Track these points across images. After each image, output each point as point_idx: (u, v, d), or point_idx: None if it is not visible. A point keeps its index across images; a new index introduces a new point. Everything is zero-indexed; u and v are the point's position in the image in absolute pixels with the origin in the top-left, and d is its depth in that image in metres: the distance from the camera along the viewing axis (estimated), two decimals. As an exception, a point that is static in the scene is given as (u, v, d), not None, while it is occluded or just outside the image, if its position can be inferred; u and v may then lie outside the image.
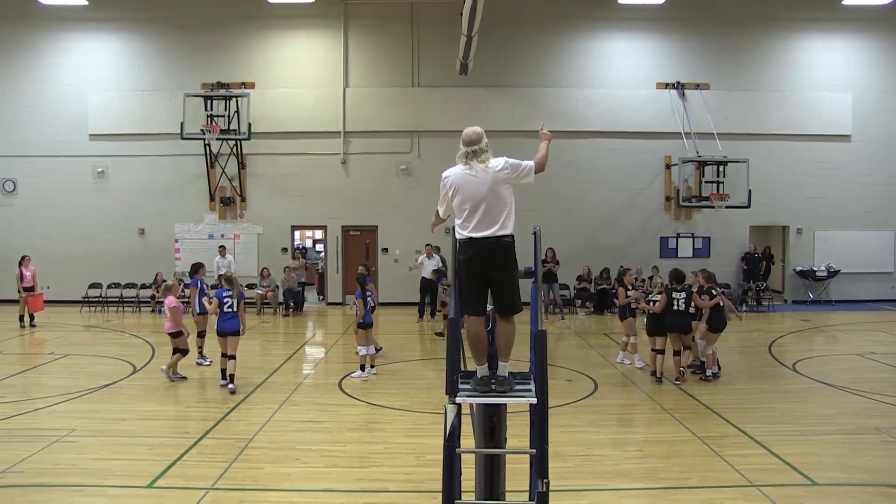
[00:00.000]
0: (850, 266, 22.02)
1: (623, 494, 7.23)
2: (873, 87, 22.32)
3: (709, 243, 22.13)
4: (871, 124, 22.22)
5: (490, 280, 4.78)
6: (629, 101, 21.77)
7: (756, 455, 8.27)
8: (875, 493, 7.28)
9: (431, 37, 21.45)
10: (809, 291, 22.33)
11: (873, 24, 22.08)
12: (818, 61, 22.29)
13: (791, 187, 22.01)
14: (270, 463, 8.00)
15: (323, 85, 21.61)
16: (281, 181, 21.59)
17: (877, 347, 15.39)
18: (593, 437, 9.00)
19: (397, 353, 14.89)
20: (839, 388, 11.62)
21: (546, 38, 21.74)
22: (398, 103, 21.60)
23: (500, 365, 4.71)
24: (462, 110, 20.77)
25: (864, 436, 9.04)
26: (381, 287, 21.80)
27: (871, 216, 22.30)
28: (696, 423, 9.52)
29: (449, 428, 4.35)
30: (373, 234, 21.97)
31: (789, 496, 7.07)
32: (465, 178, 4.82)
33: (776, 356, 14.45)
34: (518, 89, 21.60)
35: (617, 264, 20.63)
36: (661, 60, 22.00)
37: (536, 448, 4.38)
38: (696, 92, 21.76)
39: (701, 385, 11.82)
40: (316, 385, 12.02)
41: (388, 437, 8.98)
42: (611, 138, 21.77)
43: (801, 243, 22.49)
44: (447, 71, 21.12)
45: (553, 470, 4.56)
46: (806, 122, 22.07)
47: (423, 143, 21.57)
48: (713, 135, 20.99)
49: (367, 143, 21.63)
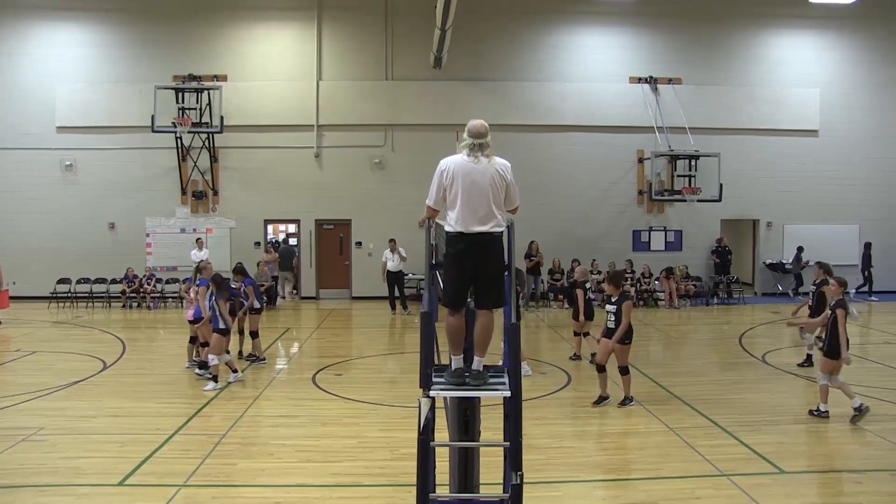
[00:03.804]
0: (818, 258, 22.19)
1: (596, 486, 7.30)
2: (840, 84, 22.66)
3: (681, 237, 22.35)
4: (838, 120, 22.57)
5: (477, 275, 4.75)
6: (602, 95, 21.87)
7: (726, 445, 8.39)
8: (839, 479, 7.48)
9: (405, 30, 21.36)
10: (778, 284, 22.64)
11: (840, 22, 22.39)
12: (787, 57, 22.57)
13: (761, 181, 22.27)
14: (244, 458, 7.96)
15: (296, 78, 21.45)
16: (254, 175, 21.41)
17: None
18: (567, 429, 9.07)
19: (371, 347, 14.87)
20: (807, 378, 11.80)
21: (520, 32, 21.76)
22: (372, 97, 21.51)
23: (475, 359, 4.69)
24: (436, 104, 20.75)
25: (831, 424, 9.20)
26: (355, 281, 21.78)
27: (838, 210, 22.66)
28: (668, 414, 9.63)
29: (423, 421, 4.35)
30: (346, 227, 21.89)
31: (758, 484, 7.19)
32: (467, 167, 4.74)
33: (746, 347, 14.64)
34: (492, 83, 21.61)
35: (590, 258, 20.92)
36: (634, 55, 22.13)
37: (510, 441, 4.40)
38: (669, 86, 21.93)
39: (673, 377, 11.93)
40: (289, 380, 11.97)
41: (362, 431, 8.97)
42: (584, 132, 21.87)
43: (770, 236, 22.79)
44: (421, 64, 21.07)
45: (527, 462, 4.58)
46: (775, 117, 22.36)
47: (396, 136, 21.50)
48: (685, 129, 21.17)
49: (340, 136, 21.52)
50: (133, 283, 20.13)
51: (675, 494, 7.02)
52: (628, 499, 6.96)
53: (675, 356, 14.68)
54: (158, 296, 20.41)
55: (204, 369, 11.44)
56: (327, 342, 15.63)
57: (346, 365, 13.20)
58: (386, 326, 17.87)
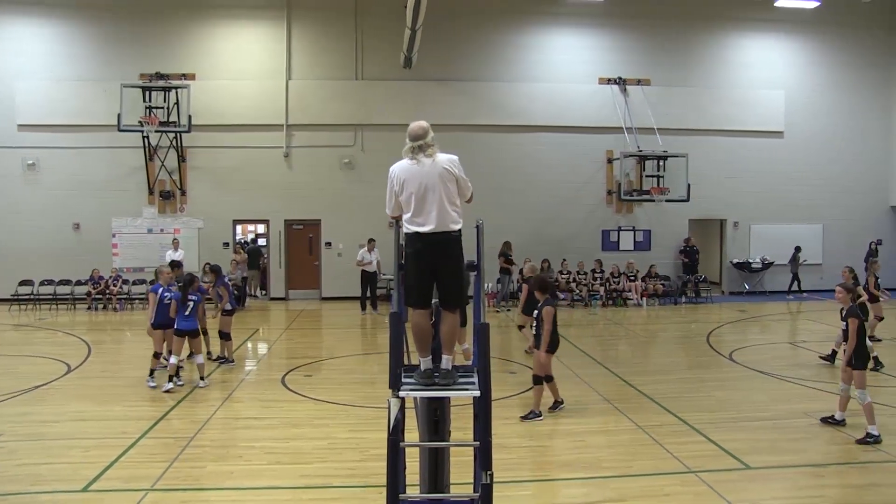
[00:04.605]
0: (783, 258, 22.72)
1: (566, 484, 7.33)
2: (804, 86, 23.09)
3: (649, 236, 22.57)
4: (802, 121, 23.00)
5: (437, 274, 4.78)
6: (572, 96, 22.01)
7: (694, 442, 8.49)
8: (803, 473, 7.60)
9: (375, 29, 21.31)
10: (745, 283, 22.97)
11: (805, 26, 22.84)
12: (753, 60, 22.94)
13: (728, 182, 22.58)
14: (212, 461, 7.88)
15: (265, 77, 21.29)
16: (222, 174, 21.19)
17: (807, 336, 15.95)
18: (536, 428, 9.09)
19: (341, 348, 14.80)
20: (772, 375, 11.99)
21: (490, 33, 21.82)
22: (342, 96, 21.42)
23: (444, 358, 4.71)
24: (406, 104, 20.69)
25: (795, 420, 9.37)
26: (325, 281, 21.67)
27: (802, 210, 23.08)
28: (637, 412, 9.71)
29: (392, 422, 4.33)
30: (316, 227, 21.77)
31: (725, 480, 7.28)
32: (411, 170, 4.79)
33: (714, 346, 14.81)
34: (462, 83, 21.64)
35: (561, 258, 21.07)
36: (604, 56, 22.31)
37: (480, 440, 4.40)
38: (637, 87, 22.14)
39: (641, 375, 12.02)
40: (259, 381, 11.86)
41: (332, 432, 8.92)
42: (553, 132, 21.99)
43: (737, 236, 23.12)
44: (391, 64, 21.03)
45: (497, 462, 4.59)
46: (742, 119, 22.70)
47: (366, 136, 21.44)
48: (653, 130, 21.40)
49: (310, 136, 21.40)
50: (99, 285, 19.82)
51: (644, 492, 7.08)
52: (598, 497, 7.00)
53: (643, 355, 14.81)
54: (125, 297, 20.11)
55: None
56: (297, 343, 15.54)
57: (316, 366, 13.13)
58: (356, 327, 17.80)
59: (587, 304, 20.71)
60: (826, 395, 10.37)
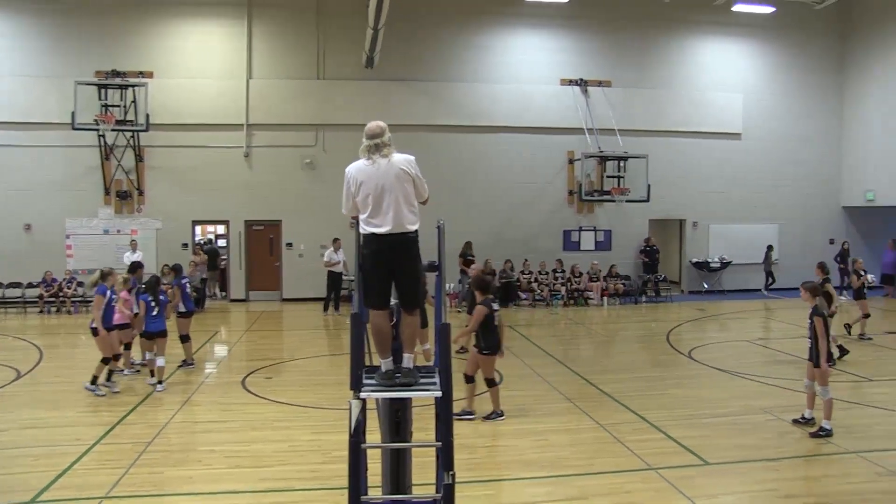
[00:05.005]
0: (741, 257, 23.13)
1: (528, 483, 7.35)
2: (761, 89, 23.54)
3: (610, 236, 22.77)
4: (759, 123, 23.44)
5: (395, 275, 4.76)
6: (534, 97, 22.11)
7: (654, 439, 8.59)
8: (759, 468, 7.74)
9: (337, 29, 21.16)
10: (704, 282, 23.30)
11: (761, 31, 23.28)
12: (712, 63, 23.29)
13: (687, 182, 22.90)
14: (171, 466, 7.74)
15: (226, 76, 21.00)
16: (181, 174, 20.84)
17: (764, 333, 16.25)
18: (498, 428, 9.11)
19: (302, 350, 14.68)
20: (730, 372, 12.18)
21: (452, 33, 21.82)
22: (303, 96, 21.23)
23: (405, 357, 4.71)
24: (368, 104, 20.56)
25: (752, 416, 9.54)
26: (286, 282, 21.47)
27: (759, 210, 23.51)
28: (598, 411, 9.79)
29: (354, 424, 4.31)
30: (276, 228, 21.55)
31: (684, 476, 7.39)
32: (367, 171, 4.78)
33: (673, 344, 14.99)
34: (424, 83, 21.61)
35: (522, 258, 21.18)
36: (565, 57, 22.45)
37: (442, 441, 4.39)
38: (599, 89, 22.32)
39: (602, 374, 12.12)
40: (218, 384, 11.71)
41: (294, 434, 8.84)
42: (515, 133, 22.07)
43: (696, 236, 23.44)
44: (353, 64, 20.92)
45: (459, 462, 4.59)
46: (701, 121, 23.03)
47: (328, 136, 21.27)
48: (614, 131, 21.59)
49: (270, 136, 21.18)
50: (52, 287, 19.36)
51: (605, 489, 7.13)
52: (560, 495, 7.04)
53: (604, 354, 14.95)
54: (80, 300, 19.65)
55: (94, 385, 10.78)
56: (257, 345, 15.37)
57: (277, 368, 12.99)
58: (317, 328, 17.66)
59: (549, 304, 20.83)
60: (782, 392, 10.57)
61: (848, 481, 7.33)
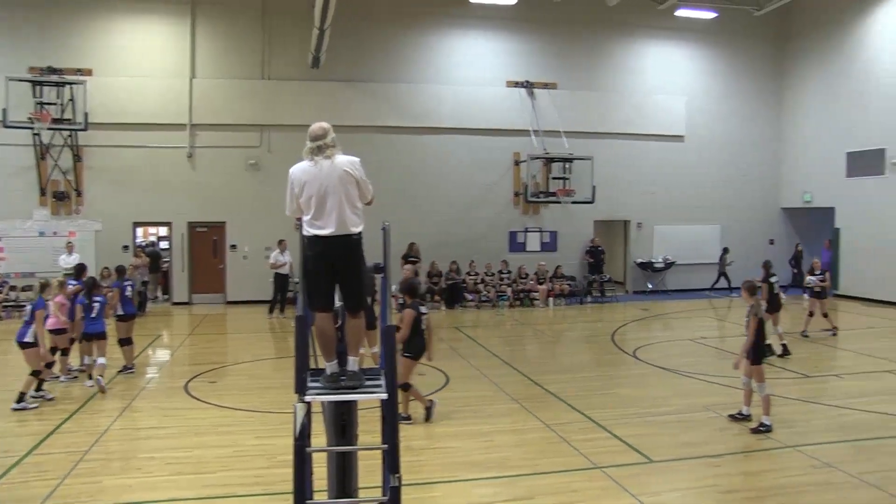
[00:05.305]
0: (684, 257, 23.62)
1: (474, 484, 7.35)
2: (704, 93, 24.08)
3: (555, 237, 23.00)
4: (702, 126, 23.96)
5: (338, 277, 4.72)
6: (480, 99, 22.20)
7: (600, 438, 8.68)
8: (702, 464, 7.89)
9: (283, 28, 20.92)
10: (648, 282, 23.71)
11: (704, 36, 23.80)
12: (656, 66, 23.74)
13: (632, 184, 23.26)
14: (109, 475, 7.52)
15: (168, 75, 20.56)
16: (122, 175, 20.31)
17: (706, 332, 16.59)
18: (445, 429, 9.10)
19: (247, 353, 14.46)
20: (674, 371, 12.41)
21: (399, 34, 21.77)
22: (248, 96, 20.92)
23: (350, 360, 4.68)
24: (313, 104, 20.39)
25: (695, 413, 9.73)
26: (230, 285, 21.15)
27: (702, 211, 24.03)
28: (544, 411, 9.85)
29: (299, 427, 4.26)
30: (220, 230, 21.19)
31: (629, 475, 7.48)
32: (310, 172, 4.74)
33: (618, 344, 15.20)
34: (370, 84, 21.51)
35: (468, 259, 21.23)
36: (512, 59, 22.61)
37: (388, 443, 4.36)
38: (545, 91, 22.54)
39: (548, 374, 12.21)
40: (160, 389, 11.44)
41: (238, 439, 8.68)
42: (461, 134, 22.13)
43: (640, 237, 23.83)
44: (299, 64, 20.71)
45: (405, 464, 4.56)
46: (645, 123, 23.45)
47: (273, 137, 21.00)
48: (560, 133, 21.81)
49: (214, 136, 20.81)
50: (-17, 292, 18.71)
51: (552, 489, 7.17)
52: (507, 496, 7.06)
53: (550, 355, 15.09)
54: (13, 304, 18.98)
55: (22, 402, 10.19)
56: (201, 349, 15.09)
57: (221, 372, 12.77)
58: (262, 331, 17.43)
59: (495, 305, 20.92)
60: (724, 389, 10.78)
61: (786, 475, 7.54)
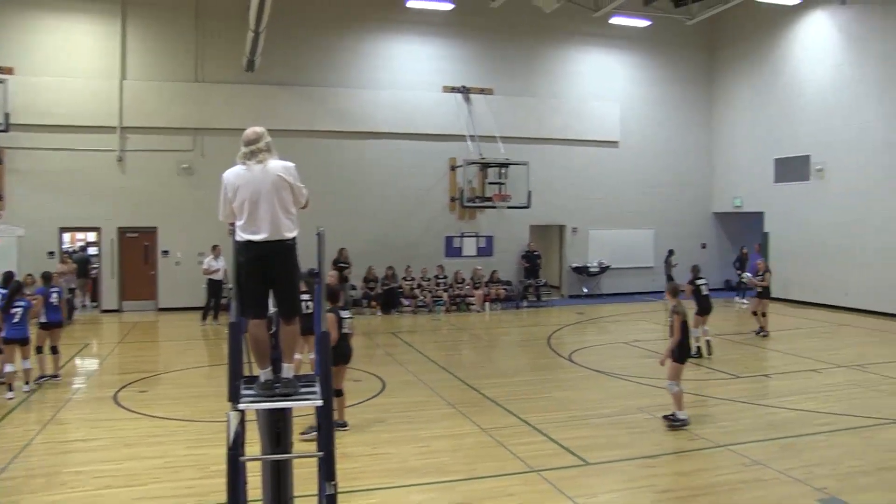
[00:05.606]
0: (619, 262, 24.09)
1: (411, 490, 7.33)
2: (637, 99, 24.65)
3: (492, 242, 23.17)
4: (636, 132, 24.54)
5: (271, 283, 4.67)
6: (416, 104, 22.24)
7: (536, 442, 8.76)
8: (638, 465, 8.04)
9: (217, 30, 20.57)
10: (584, 286, 24.09)
11: (638, 43, 24.37)
12: (591, 73, 24.21)
13: (567, 189, 23.63)
14: (30, 493, 7.21)
15: (97, 76, 19.98)
16: (47, 179, 19.62)
17: (640, 335, 16.91)
18: (381, 435, 9.06)
19: (180, 361, 14.14)
20: (609, 374, 12.62)
21: (335, 38, 21.63)
22: (180, 99, 20.50)
23: (284, 367, 4.63)
24: (248, 108, 20.11)
25: (630, 415, 9.91)
26: (162, 291, 20.66)
27: (636, 216, 24.57)
28: (481, 415, 9.90)
29: (232, 436, 4.20)
30: (152, 235, 20.69)
31: (566, 477, 7.57)
32: (243, 177, 4.70)
33: (554, 348, 15.38)
34: (307, 88, 21.33)
35: (405, 264, 21.22)
36: (448, 65, 22.72)
37: (323, 451, 4.33)
38: (481, 96, 22.72)
39: (483, 378, 12.27)
40: (88, 399, 11.09)
41: (169, 450, 8.47)
42: (398, 139, 22.13)
43: (576, 241, 24.20)
44: (233, 67, 20.38)
45: (341, 471, 4.54)
46: (580, 129, 23.87)
47: (206, 141, 20.61)
48: (496, 138, 22.01)
49: (146, 139, 20.31)
50: None
51: (489, 493, 7.20)
52: (444, 501, 7.05)
53: (487, 359, 15.18)
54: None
55: None
56: (131, 357, 14.69)
57: (152, 380, 12.44)
58: (196, 338, 17.07)
59: (431, 311, 20.95)
60: (657, 391, 11.00)
61: (718, 474, 7.74)
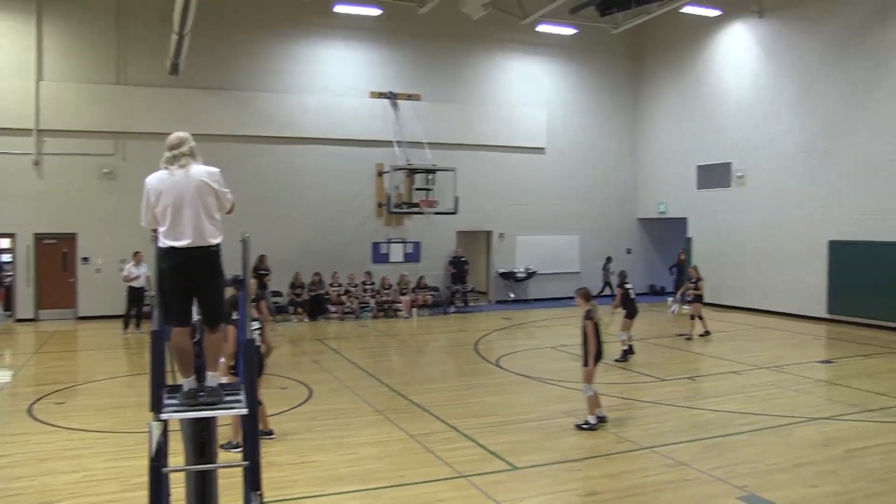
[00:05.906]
0: (545, 267, 24.50)
1: (339, 498, 7.30)
2: (563, 106, 25.16)
3: (419, 248, 23.26)
4: (562, 139, 25.04)
5: (195, 290, 4.61)
6: (344, 109, 22.17)
7: (464, 447, 8.83)
8: (563, 469, 8.21)
9: (139, 32, 20.06)
10: (511, 291, 24.38)
11: (564, 51, 24.87)
12: (519, 80, 24.58)
13: (495, 195, 23.92)
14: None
15: (11, 75, 19.22)
16: (-44, 183, 18.84)
17: (566, 340, 17.14)
18: (308, 443, 8.99)
19: (100, 371, 13.72)
20: (536, 378, 12.81)
21: (262, 42, 21.40)
22: (101, 101, 19.89)
23: (209, 375, 4.57)
24: (172, 112, 19.70)
25: (556, 420, 10.06)
26: (81, 299, 20.02)
27: (562, 222, 25.05)
28: (408, 422, 9.93)
29: (155, 447, 4.14)
30: (71, 242, 20.02)
31: (494, 482, 7.64)
32: (166, 182, 4.63)
33: (482, 353, 15.54)
34: (232, 92, 21.01)
35: (331, 270, 21.11)
36: (376, 70, 22.73)
37: (249, 460, 4.31)
38: (408, 102, 22.81)
39: (412, 385, 12.31)
40: None
41: (88, 463, 8.21)
42: (324, 145, 22.02)
43: (503, 247, 24.49)
44: (157, 69, 19.89)
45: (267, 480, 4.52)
46: (507, 135, 24.19)
47: (129, 145, 20.08)
48: (423, 144, 22.13)
49: (64, 143, 19.63)
50: None
51: (417, 500, 7.23)
52: (372, 508, 7.06)
53: (414, 365, 15.23)
54: None
55: None
56: (48, 368, 14.18)
57: (71, 391, 12.05)
58: (117, 347, 16.59)
59: (358, 317, 20.88)
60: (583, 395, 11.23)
61: (644, 475, 7.93)
